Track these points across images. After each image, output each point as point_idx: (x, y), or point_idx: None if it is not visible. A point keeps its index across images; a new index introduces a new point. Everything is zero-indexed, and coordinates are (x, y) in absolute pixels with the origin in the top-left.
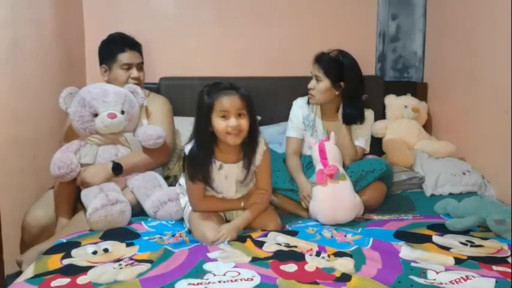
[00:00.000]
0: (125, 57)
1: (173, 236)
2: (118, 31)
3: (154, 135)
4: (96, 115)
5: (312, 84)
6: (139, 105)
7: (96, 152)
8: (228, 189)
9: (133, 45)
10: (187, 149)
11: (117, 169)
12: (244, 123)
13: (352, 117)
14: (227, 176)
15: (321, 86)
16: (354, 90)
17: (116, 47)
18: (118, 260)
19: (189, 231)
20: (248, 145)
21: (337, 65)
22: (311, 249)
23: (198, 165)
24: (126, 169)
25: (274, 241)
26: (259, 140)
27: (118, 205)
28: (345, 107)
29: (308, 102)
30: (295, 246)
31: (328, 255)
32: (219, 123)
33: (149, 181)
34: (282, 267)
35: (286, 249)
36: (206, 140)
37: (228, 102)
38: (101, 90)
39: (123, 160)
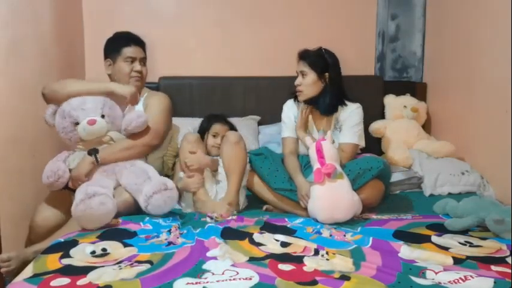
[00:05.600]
0: (129, 51)
1: (169, 231)
2: (119, 31)
3: (134, 116)
4: (77, 124)
5: (299, 80)
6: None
7: (83, 155)
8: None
9: (138, 41)
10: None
11: (93, 152)
12: None
13: (333, 107)
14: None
15: (307, 79)
16: (337, 79)
17: (121, 41)
18: (117, 263)
19: (182, 224)
20: None
21: (320, 58)
22: (307, 248)
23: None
24: (106, 154)
25: (273, 237)
26: None
27: (96, 197)
28: (327, 97)
29: (296, 101)
30: (293, 244)
31: (327, 253)
32: (210, 139)
33: (139, 175)
34: (280, 266)
35: (284, 250)
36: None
37: (219, 128)
38: (80, 100)
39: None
